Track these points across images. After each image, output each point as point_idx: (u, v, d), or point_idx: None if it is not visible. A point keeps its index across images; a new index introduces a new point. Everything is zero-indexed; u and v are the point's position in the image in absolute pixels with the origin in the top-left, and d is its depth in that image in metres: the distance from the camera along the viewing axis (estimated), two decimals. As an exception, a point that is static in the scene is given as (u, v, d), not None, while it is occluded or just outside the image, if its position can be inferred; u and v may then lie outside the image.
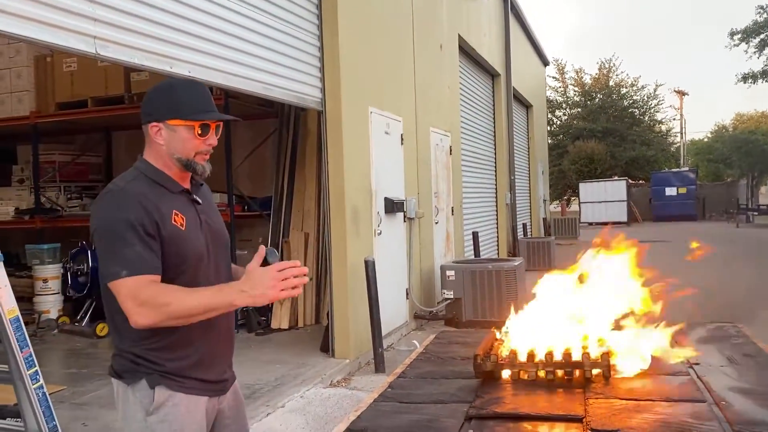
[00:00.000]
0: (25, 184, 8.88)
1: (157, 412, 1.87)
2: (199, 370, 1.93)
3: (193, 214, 1.96)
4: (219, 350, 1.99)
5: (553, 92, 39.22)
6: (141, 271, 1.78)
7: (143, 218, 1.81)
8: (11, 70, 7.94)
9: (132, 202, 1.83)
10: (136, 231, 1.80)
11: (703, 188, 31.11)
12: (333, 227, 6.09)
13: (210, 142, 1.95)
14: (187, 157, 1.93)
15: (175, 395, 1.89)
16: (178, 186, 1.96)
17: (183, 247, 1.87)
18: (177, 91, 1.95)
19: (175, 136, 1.91)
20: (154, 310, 1.76)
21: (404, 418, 1.80)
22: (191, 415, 1.91)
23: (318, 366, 5.76)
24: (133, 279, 1.78)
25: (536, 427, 1.70)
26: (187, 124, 1.91)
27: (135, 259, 1.79)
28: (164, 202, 1.89)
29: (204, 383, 1.95)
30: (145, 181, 1.91)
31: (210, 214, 2.03)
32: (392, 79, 7.50)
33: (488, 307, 7.54)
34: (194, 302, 1.77)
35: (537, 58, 20.01)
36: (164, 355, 1.89)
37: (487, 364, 2.07)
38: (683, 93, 42.48)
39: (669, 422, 1.65)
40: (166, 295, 1.78)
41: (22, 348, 2.97)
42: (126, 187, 1.88)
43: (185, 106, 1.91)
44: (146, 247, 1.81)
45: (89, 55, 3.56)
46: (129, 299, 1.77)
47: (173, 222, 1.87)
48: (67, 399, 5.01)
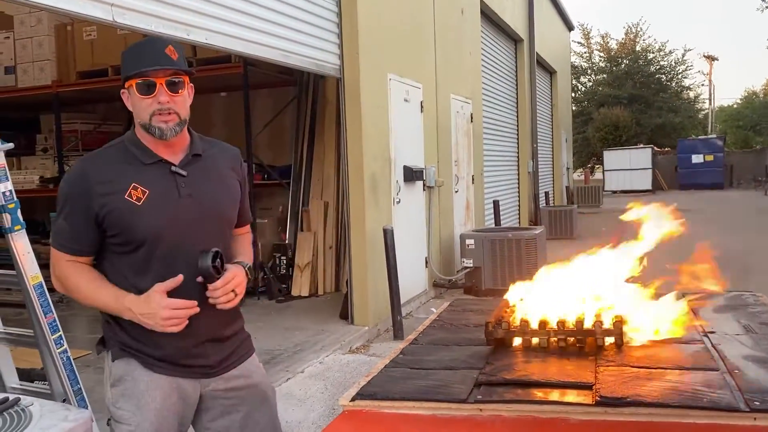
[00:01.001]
0: (48, 153, 9.00)
1: (118, 385, 1.89)
2: (159, 350, 1.87)
3: (167, 188, 1.84)
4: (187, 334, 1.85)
5: (578, 58, 38.46)
6: (60, 247, 1.86)
7: (83, 196, 1.81)
8: (32, 39, 7.97)
9: (78, 177, 1.84)
10: (71, 207, 1.84)
11: (731, 156, 30.42)
12: (352, 196, 6.09)
13: (160, 100, 1.79)
14: (144, 120, 1.82)
15: (136, 370, 1.87)
16: (153, 156, 1.86)
17: (133, 224, 1.80)
18: (128, 51, 1.88)
19: (131, 99, 1.85)
20: (62, 286, 1.89)
21: (414, 383, 1.82)
22: (150, 393, 1.86)
23: (337, 333, 5.83)
24: (54, 252, 1.88)
25: (545, 393, 1.70)
26: (130, 83, 1.82)
27: (60, 234, 1.86)
28: (127, 174, 1.82)
29: (169, 364, 1.88)
30: (118, 151, 1.88)
31: (202, 187, 1.89)
32: (412, 45, 7.40)
33: (508, 276, 7.52)
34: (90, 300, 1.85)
35: (561, 22, 19.59)
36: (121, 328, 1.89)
37: (499, 331, 2.07)
38: (713, 58, 41.33)
39: (679, 390, 1.64)
40: (72, 280, 1.86)
41: (46, 313, 3.03)
42: (89, 159, 1.90)
43: (130, 65, 1.82)
44: (74, 227, 1.84)
45: (106, 23, 3.55)
46: (51, 266, 1.90)
47: (127, 196, 1.80)
48: (92, 363, 5.13)
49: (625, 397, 1.60)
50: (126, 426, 1.85)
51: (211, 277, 1.82)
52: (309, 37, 5.53)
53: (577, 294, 2.18)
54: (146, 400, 1.85)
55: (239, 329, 2.04)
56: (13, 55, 8.07)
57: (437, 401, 1.70)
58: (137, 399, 1.85)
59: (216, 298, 1.83)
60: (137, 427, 1.85)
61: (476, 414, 1.65)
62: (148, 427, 1.85)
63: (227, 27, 4.42)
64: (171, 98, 1.81)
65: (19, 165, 8.84)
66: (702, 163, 28.29)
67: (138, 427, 1.85)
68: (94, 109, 9.66)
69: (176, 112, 1.83)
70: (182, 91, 1.84)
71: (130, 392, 1.86)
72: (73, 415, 2.10)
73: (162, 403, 1.86)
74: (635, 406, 1.57)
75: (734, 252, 9.54)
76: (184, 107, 1.87)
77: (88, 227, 1.82)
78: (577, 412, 1.61)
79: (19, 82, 8.05)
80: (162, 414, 1.86)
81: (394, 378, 1.88)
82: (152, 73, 1.80)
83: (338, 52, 6.01)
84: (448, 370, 1.91)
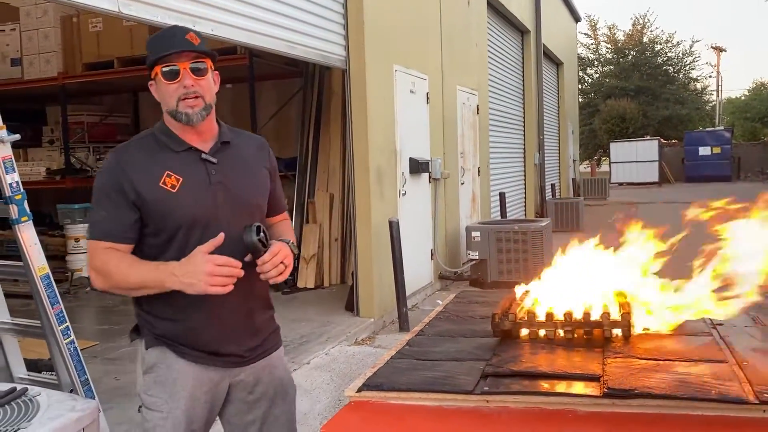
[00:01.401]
0: (55, 144, 9.02)
1: (150, 372, 1.90)
2: (191, 338, 1.88)
3: (198, 175, 1.87)
4: (219, 322, 1.88)
5: (585, 49, 38.23)
6: (99, 236, 1.84)
7: (119, 184, 1.82)
8: (39, 31, 7.98)
9: (113, 167, 1.85)
10: (108, 196, 1.84)
11: (738, 148, 30.23)
12: (357, 188, 6.08)
13: (185, 84, 1.81)
14: (171, 107, 1.84)
15: (168, 358, 1.88)
16: (183, 144, 1.88)
17: (169, 210, 1.82)
18: (150, 42, 1.89)
19: (158, 88, 1.87)
20: (102, 277, 1.84)
21: (420, 374, 1.81)
22: (182, 381, 1.87)
23: (343, 324, 5.83)
24: (93, 243, 1.85)
25: (552, 385, 1.70)
26: (155, 72, 1.84)
27: (97, 224, 1.85)
28: (160, 162, 1.85)
29: (202, 353, 1.89)
30: (149, 141, 1.90)
31: (232, 175, 1.91)
32: (418, 36, 7.36)
33: (514, 269, 7.51)
34: (132, 278, 1.80)
35: (568, 13, 19.47)
36: (154, 317, 1.90)
37: (505, 323, 2.06)
38: (720, 49, 41.03)
39: (687, 382, 1.63)
40: (111, 264, 1.81)
41: (53, 304, 3.04)
42: (121, 149, 1.90)
43: (153, 54, 1.84)
44: (112, 215, 1.83)
45: (112, 14, 3.55)
46: (88, 259, 1.87)
47: (162, 184, 1.82)
48: (99, 354, 5.16)
49: (633, 389, 1.59)
50: (157, 413, 1.87)
51: (258, 251, 1.81)
52: (315, 28, 5.51)
53: (586, 285, 2.16)
54: (178, 388, 1.87)
55: (270, 318, 2.06)
56: (20, 46, 8.08)
57: (444, 392, 1.69)
58: (169, 386, 1.87)
59: (266, 271, 1.82)
60: (169, 413, 1.86)
61: (483, 405, 1.65)
62: (179, 414, 1.86)
63: (233, 18, 4.40)
64: (196, 82, 1.83)
65: (25, 156, 8.87)
66: (709, 155, 28.14)
67: (170, 414, 1.86)
68: (100, 101, 9.69)
69: (201, 96, 1.85)
70: (206, 75, 1.86)
71: (163, 380, 1.88)
72: (81, 405, 2.11)
73: (193, 392, 1.88)
74: (643, 397, 1.56)
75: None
76: (210, 92, 1.88)
77: (127, 214, 1.83)
78: (584, 404, 1.60)
79: (25, 73, 8.06)
80: (193, 402, 1.88)
81: (400, 369, 1.88)
82: (175, 58, 1.81)
83: (344, 44, 5.99)
84: (455, 362, 1.91)
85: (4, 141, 2.92)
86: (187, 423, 1.88)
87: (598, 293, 2.13)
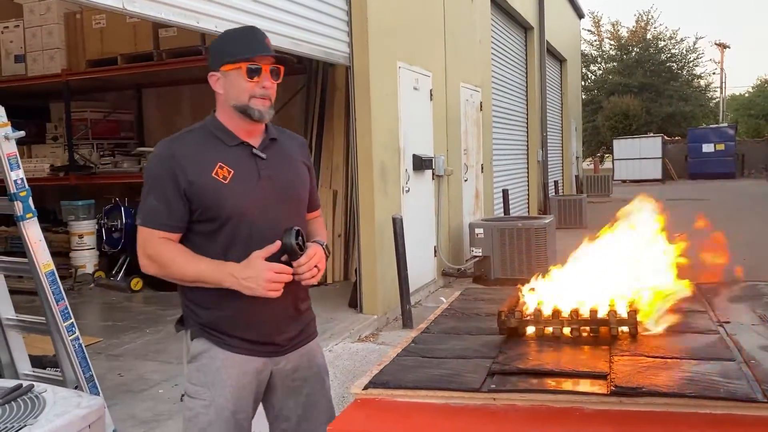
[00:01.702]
0: (59, 141, 9.03)
1: (195, 361, 1.96)
2: (236, 328, 1.94)
3: (249, 169, 1.95)
4: (263, 311, 1.94)
5: (588, 46, 38.19)
6: (153, 224, 1.89)
7: (172, 174, 1.87)
8: (42, 28, 7.97)
9: (166, 157, 1.90)
10: (161, 186, 1.88)
11: (742, 145, 30.15)
12: (361, 184, 6.08)
13: (264, 85, 1.92)
14: (242, 101, 1.92)
15: (213, 348, 1.94)
16: (236, 139, 1.96)
17: (221, 200, 1.88)
18: (228, 37, 1.98)
19: (229, 82, 1.93)
20: (155, 265, 1.89)
21: (427, 372, 1.81)
22: (226, 371, 1.93)
23: (346, 321, 5.83)
24: (146, 230, 1.90)
25: (559, 383, 1.69)
26: (236, 66, 1.91)
27: (151, 212, 1.89)
28: (212, 154, 1.92)
29: (245, 342, 1.95)
30: (201, 133, 1.96)
31: (279, 170, 2.00)
32: (422, 33, 7.35)
33: (517, 266, 7.51)
34: (189, 272, 1.87)
35: (572, 10, 19.43)
36: (199, 307, 1.95)
37: (512, 320, 2.05)
38: (724, 46, 40.95)
39: (695, 380, 1.62)
40: (167, 256, 1.87)
41: (57, 301, 3.05)
42: (174, 139, 1.96)
43: (233, 50, 1.92)
44: (165, 204, 1.88)
45: (117, 10, 3.55)
46: (140, 246, 1.91)
47: (214, 174, 1.89)
48: (103, 350, 5.17)
49: (641, 387, 1.58)
50: (200, 401, 1.92)
51: (295, 253, 1.88)
52: (319, 25, 5.50)
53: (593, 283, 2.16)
54: (222, 377, 1.92)
55: (308, 308, 2.13)
56: (23, 43, 8.08)
57: (450, 390, 1.68)
58: (213, 375, 1.92)
59: (301, 274, 1.90)
60: (212, 402, 1.91)
61: (490, 403, 1.64)
62: (222, 402, 1.92)
63: (237, 15, 4.40)
64: (272, 84, 1.95)
65: (29, 153, 8.88)
66: (713, 152, 28.08)
67: (212, 402, 1.91)
68: (103, 98, 9.68)
69: (270, 97, 1.96)
70: (278, 80, 1.98)
71: (206, 369, 1.93)
72: (86, 401, 2.11)
73: (237, 381, 1.94)
74: (651, 395, 1.55)
75: (748, 242, 9.48)
76: (275, 94, 2.00)
77: (179, 204, 1.88)
78: (591, 402, 1.59)
79: (29, 70, 8.06)
80: (237, 391, 1.94)
81: (406, 367, 1.87)
82: (259, 59, 1.91)
83: (348, 40, 5.98)
84: (461, 359, 1.90)
85: (9, 138, 2.92)
86: (232, 411, 1.93)
87: (605, 291, 2.12)
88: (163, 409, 3.95)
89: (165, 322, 5.96)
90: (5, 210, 3.01)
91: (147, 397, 4.17)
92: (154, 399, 4.13)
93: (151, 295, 7.08)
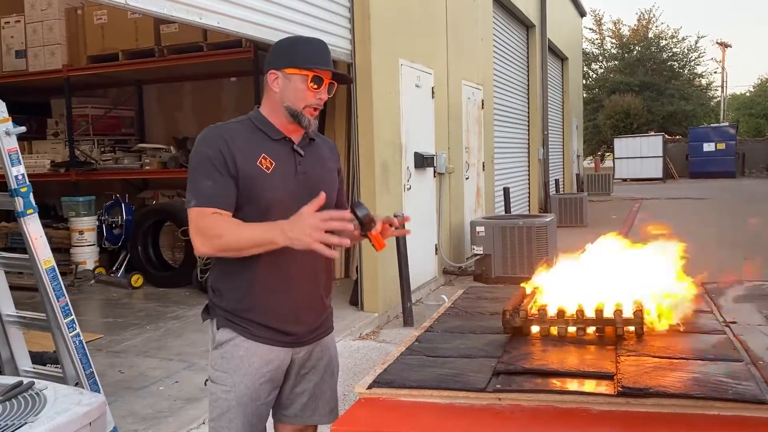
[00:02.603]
0: (59, 137, 9.00)
1: (219, 348, 2.03)
2: (258, 316, 1.99)
3: (288, 163, 2.02)
4: (289, 301, 2.02)
5: (590, 44, 38.14)
6: (206, 203, 1.91)
7: (223, 155, 1.92)
8: (43, 23, 7.96)
9: (216, 139, 1.95)
10: (213, 166, 1.92)
11: (743, 144, 30.11)
12: (362, 182, 6.07)
13: (321, 96, 2.00)
14: (297, 107, 1.99)
15: (237, 337, 2.00)
16: (279, 134, 2.03)
17: (262, 188, 1.95)
18: (299, 43, 2.08)
19: (289, 84, 1.99)
20: (208, 239, 1.89)
21: (431, 371, 1.79)
22: (248, 359, 2.00)
23: (347, 319, 5.82)
24: (198, 210, 1.91)
25: (565, 383, 1.67)
26: (302, 73, 1.97)
27: (203, 192, 1.92)
28: (257, 144, 1.99)
29: (269, 331, 2.01)
30: (246, 125, 2.03)
31: (314, 169, 2.07)
32: (424, 30, 7.33)
33: (518, 264, 7.50)
34: (244, 235, 1.87)
35: (573, 8, 19.39)
36: (225, 297, 2.02)
37: (516, 319, 2.04)
38: (726, 45, 40.88)
39: (703, 381, 1.61)
40: (221, 226, 1.89)
41: (58, 297, 3.03)
42: (221, 126, 2.01)
43: (303, 56, 1.99)
44: (217, 182, 1.91)
45: (119, 6, 3.53)
46: (192, 227, 1.93)
47: (258, 163, 1.96)
48: (104, 347, 5.15)
49: (648, 388, 1.57)
50: (222, 386, 2.01)
51: (372, 222, 1.97)
52: (321, 22, 5.48)
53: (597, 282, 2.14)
54: (244, 365, 2.00)
55: (330, 302, 2.21)
56: (24, 39, 8.06)
57: (455, 390, 1.67)
58: (235, 362, 2.00)
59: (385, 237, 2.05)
60: (232, 387, 2.00)
61: (495, 403, 1.63)
62: (242, 389, 2.00)
63: (239, 11, 4.38)
64: (326, 97, 2.04)
65: (30, 149, 8.85)
66: (713, 151, 28.04)
67: (233, 388, 2.00)
68: (104, 94, 9.66)
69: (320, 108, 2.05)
70: (332, 94, 2.07)
71: (230, 355, 2.01)
72: (87, 399, 2.09)
73: (259, 369, 2.01)
74: (659, 396, 1.54)
75: (753, 241, 9.48)
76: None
77: (230, 184, 1.93)
78: (598, 402, 1.58)
79: (29, 66, 8.05)
80: (258, 379, 2.01)
81: (410, 366, 1.86)
82: (324, 72, 2.01)
83: (350, 37, 5.96)
84: (466, 359, 1.89)
85: (10, 133, 2.90)
86: (252, 398, 2.01)
87: (610, 290, 2.10)
88: (164, 406, 3.94)
89: (165, 318, 5.95)
90: (6, 206, 2.99)
91: (147, 394, 4.15)
92: (155, 396, 4.12)
93: (152, 292, 7.06)
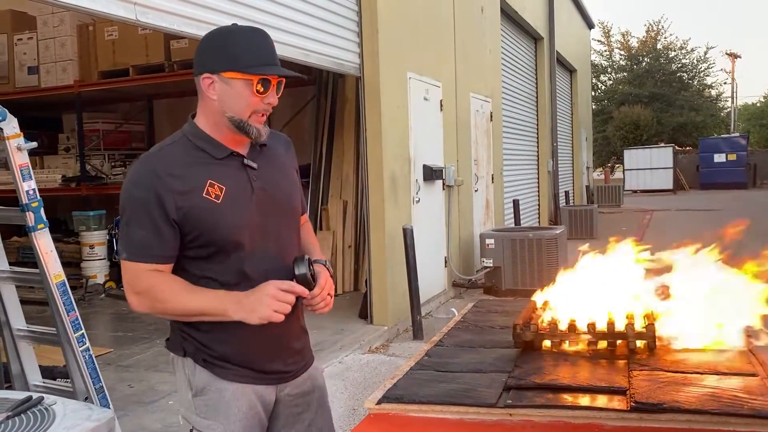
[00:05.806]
0: (71, 152, 9.08)
1: (202, 395, 1.80)
2: (245, 358, 1.80)
3: (240, 183, 1.75)
4: (269, 338, 1.80)
5: (598, 56, 38.13)
6: (141, 257, 1.69)
7: (158, 197, 1.65)
8: (55, 40, 8.04)
9: (149, 177, 1.67)
10: (146, 212, 1.66)
11: (754, 155, 29.92)
12: (371, 195, 6.06)
13: (269, 101, 1.71)
14: (241, 116, 1.69)
15: (220, 381, 1.79)
16: (225, 150, 1.74)
17: (216, 224, 1.69)
18: (236, 38, 1.71)
19: (230, 91, 1.68)
20: (148, 301, 1.71)
21: (441, 386, 1.78)
22: (235, 403, 1.80)
23: (356, 332, 5.80)
24: (133, 265, 1.70)
25: (577, 398, 1.65)
26: (245, 78, 1.66)
27: (136, 244, 1.69)
28: (200, 170, 1.70)
29: (253, 371, 1.81)
30: (183, 146, 1.74)
31: (270, 179, 1.81)
32: (432, 43, 7.35)
33: (528, 276, 7.46)
34: (192, 305, 1.69)
35: (581, 20, 19.41)
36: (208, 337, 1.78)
37: (527, 333, 2.02)
38: (736, 56, 40.72)
39: (718, 396, 1.59)
40: (165, 291, 1.69)
41: (68, 311, 3.03)
42: (153, 155, 1.73)
43: (244, 56, 1.67)
44: (153, 232, 1.67)
45: (129, 22, 3.56)
46: (126, 282, 1.72)
47: (205, 194, 1.68)
48: (113, 361, 5.16)
49: (662, 403, 1.55)
50: None
51: (309, 284, 1.75)
52: (329, 36, 5.51)
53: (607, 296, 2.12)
54: (233, 411, 1.79)
55: (306, 333, 2.00)
56: (36, 55, 8.15)
57: (465, 405, 1.65)
58: (225, 410, 1.79)
59: (315, 305, 1.78)
60: None
61: (506, 419, 1.61)
62: None
63: (248, 25, 4.40)
64: (276, 100, 1.75)
65: (41, 164, 8.93)
66: (724, 162, 27.89)
67: None
68: (115, 109, 9.75)
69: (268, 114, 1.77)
70: (280, 94, 1.77)
71: (216, 403, 1.79)
72: (96, 414, 2.09)
73: (247, 413, 1.81)
74: (673, 412, 1.52)
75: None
76: None
77: (168, 232, 1.68)
78: (611, 418, 1.55)
79: (42, 82, 8.13)
80: (248, 423, 1.82)
81: (420, 381, 1.85)
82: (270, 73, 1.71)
83: (358, 51, 5.99)
84: (476, 373, 1.87)
85: (22, 148, 2.92)
86: None
87: (622, 303, 2.08)
88: (173, 421, 3.93)
89: (175, 332, 5.94)
90: (17, 220, 3.00)
91: (157, 409, 4.14)
92: (164, 410, 4.11)
93: (162, 306, 7.06)
